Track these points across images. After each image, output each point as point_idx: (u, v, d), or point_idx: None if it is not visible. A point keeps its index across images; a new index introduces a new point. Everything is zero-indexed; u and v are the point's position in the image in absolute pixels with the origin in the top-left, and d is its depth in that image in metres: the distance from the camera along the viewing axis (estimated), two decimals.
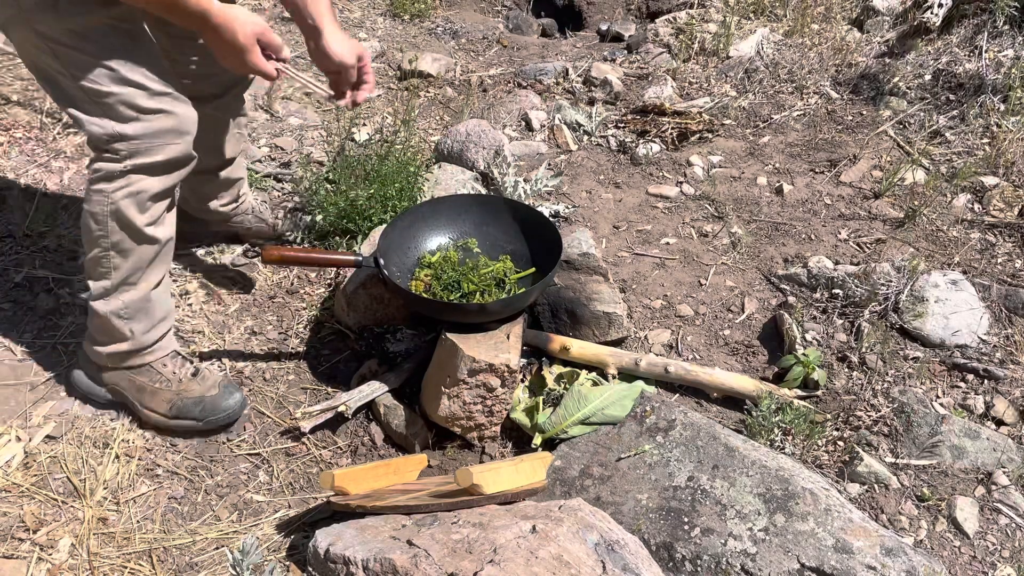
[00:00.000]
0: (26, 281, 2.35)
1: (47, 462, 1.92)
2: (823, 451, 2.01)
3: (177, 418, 1.96)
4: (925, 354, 2.22)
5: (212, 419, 1.97)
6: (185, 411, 1.96)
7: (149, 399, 1.96)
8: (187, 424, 1.97)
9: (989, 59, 3.34)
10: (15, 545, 1.75)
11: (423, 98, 3.47)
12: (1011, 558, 1.81)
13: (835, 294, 2.37)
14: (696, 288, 2.51)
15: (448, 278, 2.14)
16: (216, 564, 1.76)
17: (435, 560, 1.42)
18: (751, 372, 2.25)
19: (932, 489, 1.92)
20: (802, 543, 1.63)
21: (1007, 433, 2.04)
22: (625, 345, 2.29)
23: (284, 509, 1.91)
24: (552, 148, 3.14)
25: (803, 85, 3.45)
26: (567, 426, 1.97)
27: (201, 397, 1.96)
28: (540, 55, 3.89)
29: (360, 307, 2.25)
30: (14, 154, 2.82)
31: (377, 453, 2.05)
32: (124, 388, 1.98)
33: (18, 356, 2.15)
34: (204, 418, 1.96)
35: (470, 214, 2.31)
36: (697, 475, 1.79)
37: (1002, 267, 2.50)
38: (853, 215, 2.77)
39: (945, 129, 3.12)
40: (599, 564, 1.45)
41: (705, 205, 2.85)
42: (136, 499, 1.88)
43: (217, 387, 1.98)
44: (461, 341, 1.95)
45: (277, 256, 2.00)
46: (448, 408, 1.99)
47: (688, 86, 3.47)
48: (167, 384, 1.96)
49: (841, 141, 3.14)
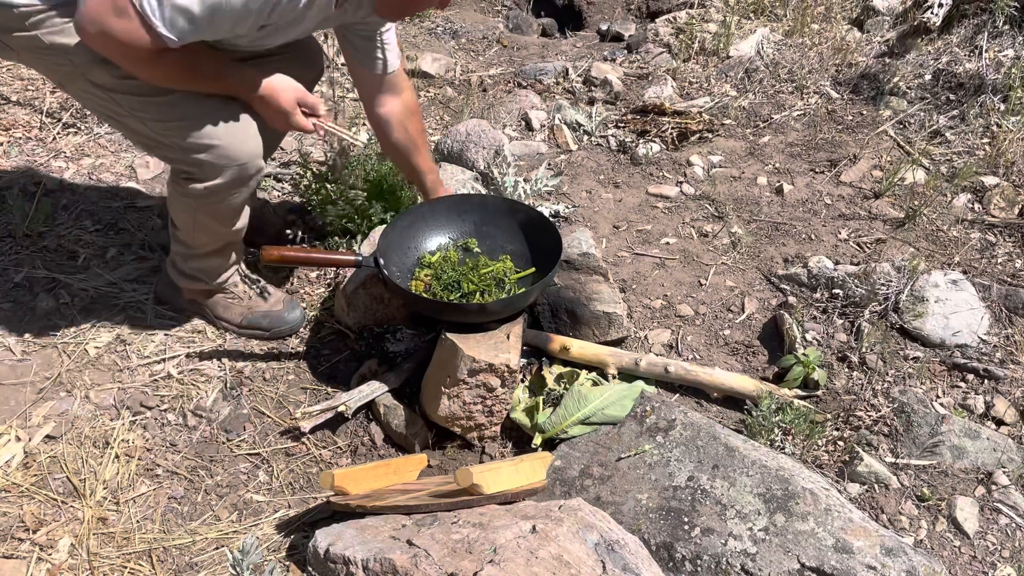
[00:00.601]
0: (26, 281, 2.35)
1: (47, 462, 1.92)
2: (823, 451, 2.01)
3: (248, 328, 2.27)
4: (925, 354, 2.22)
5: (277, 329, 2.28)
6: (255, 322, 2.26)
7: (223, 311, 2.26)
8: (256, 332, 2.28)
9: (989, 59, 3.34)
10: (15, 545, 1.75)
11: (423, 98, 3.47)
12: (1011, 558, 1.81)
13: (835, 294, 2.37)
14: (696, 288, 2.51)
15: (448, 278, 2.14)
16: (216, 564, 1.76)
17: (435, 560, 1.42)
18: (751, 372, 2.25)
19: (932, 489, 1.92)
20: (802, 543, 1.63)
21: (1007, 433, 2.04)
22: (625, 345, 2.29)
23: (284, 509, 1.91)
24: (552, 148, 3.14)
25: (803, 85, 3.45)
26: (567, 426, 1.97)
27: (268, 311, 2.27)
28: (540, 55, 3.89)
29: (360, 307, 2.25)
30: (14, 154, 2.82)
31: (377, 453, 2.05)
32: (201, 301, 2.26)
33: (18, 356, 2.15)
34: (271, 328, 2.27)
35: (470, 214, 2.31)
36: (697, 475, 1.79)
37: (1002, 267, 2.50)
38: (853, 215, 2.77)
39: (945, 129, 3.12)
40: (599, 564, 1.45)
41: (705, 205, 2.85)
42: (136, 499, 1.88)
43: (281, 303, 2.29)
44: (461, 341, 1.95)
45: (277, 256, 2.00)
46: (448, 408, 1.99)
47: (688, 86, 3.47)
48: (238, 300, 2.26)
49: (841, 141, 3.14)
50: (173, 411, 2.08)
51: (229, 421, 2.09)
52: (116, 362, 2.17)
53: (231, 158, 1.85)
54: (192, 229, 2.03)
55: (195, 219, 1.99)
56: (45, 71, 1.86)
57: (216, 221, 2.00)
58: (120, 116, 1.84)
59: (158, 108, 1.79)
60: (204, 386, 2.15)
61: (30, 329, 2.22)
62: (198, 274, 2.16)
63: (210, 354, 2.23)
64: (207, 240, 2.06)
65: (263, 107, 1.87)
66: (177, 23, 1.55)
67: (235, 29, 1.65)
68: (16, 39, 1.73)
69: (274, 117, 1.89)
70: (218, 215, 1.99)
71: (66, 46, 1.71)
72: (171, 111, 1.79)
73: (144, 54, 1.60)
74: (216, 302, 2.25)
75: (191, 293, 2.24)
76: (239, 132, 1.85)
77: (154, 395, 2.11)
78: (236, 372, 2.20)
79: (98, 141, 2.94)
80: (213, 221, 2.00)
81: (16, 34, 1.72)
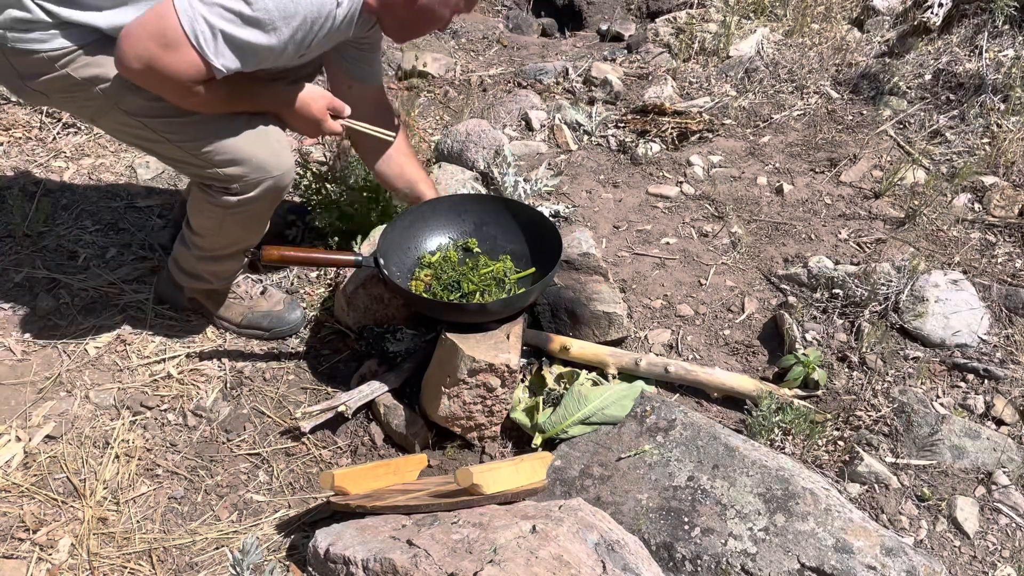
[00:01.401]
0: (26, 281, 2.35)
1: (47, 462, 1.92)
2: (823, 451, 2.01)
3: (248, 327, 2.28)
4: (925, 354, 2.22)
5: (278, 329, 2.29)
6: (255, 322, 2.28)
7: (224, 310, 2.28)
8: (256, 332, 2.29)
9: (989, 59, 3.34)
10: (15, 545, 1.75)
11: (423, 98, 3.47)
12: (1011, 558, 1.81)
13: (835, 294, 2.37)
14: (696, 288, 2.51)
15: (448, 278, 2.14)
16: (216, 564, 1.76)
17: (435, 560, 1.42)
18: (751, 372, 2.25)
19: (932, 489, 1.92)
20: (802, 543, 1.63)
21: (1007, 433, 2.04)
22: (625, 345, 2.29)
23: (284, 509, 1.91)
24: (552, 148, 3.14)
25: (803, 85, 3.45)
26: (567, 426, 1.97)
27: (268, 311, 2.28)
28: (540, 55, 3.89)
29: (360, 307, 2.25)
30: (14, 154, 2.82)
31: (377, 453, 2.05)
32: (202, 300, 2.26)
33: (18, 356, 2.15)
34: (271, 328, 2.28)
35: (470, 214, 2.31)
36: (697, 475, 1.79)
37: (1002, 267, 2.50)
38: (853, 215, 2.77)
39: (945, 129, 3.12)
40: (599, 564, 1.45)
41: (705, 205, 2.85)
42: (136, 499, 1.88)
43: (282, 303, 2.30)
44: (461, 341, 1.95)
45: (277, 256, 2.00)
46: (448, 408, 1.99)
47: (688, 86, 3.47)
48: (239, 300, 2.28)
49: (841, 141, 3.14)
50: (173, 411, 2.08)
51: (229, 421, 2.09)
52: (116, 362, 2.17)
53: (266, 170, 1.87)
54: (216, 234, 2.03)
55: (222, 226, 1.99)
56: (77, 109, 1.90)
57: (243, 228, 2.02)
58: (153, 142, 1.87)
59: (190, 128, 1.81)
60: (204, 386, 2.15)
61: (30, 329, 2.22)
62: (206, 275, 2.17)
63: (210, 354, 2.23)
64: (228, 244, 2.07)
65: (296, 119, 1.90)
66: (227, 54, 1.61)
67: (277, 61, 1.71)
68: (45, 83, 1.76)
69: (306, 127, 1.93)
70: (247, 223, 2.01)
71: (98, 77, 1.74)
72: (203, 130, 1.81)
73: (189, 84, 1.64)
74: (218, 302, 2.26)
75: (194, 292, 2.24)
76: (272, 144, 1.88)
77: (154, 395, 2.11)
78: (236, 372, 2.20)
79: (98, 141, 2.94)
80: (239, 228, 2.02)
81: (44, 78, 1.74)
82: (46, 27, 1.68)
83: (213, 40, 1.58)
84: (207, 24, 1.57)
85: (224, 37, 1.59)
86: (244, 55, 1.64)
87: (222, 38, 1.59)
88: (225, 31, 1.58)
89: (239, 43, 1.61)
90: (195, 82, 1.64)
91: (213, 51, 1.59)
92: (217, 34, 1.58)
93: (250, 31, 1.60)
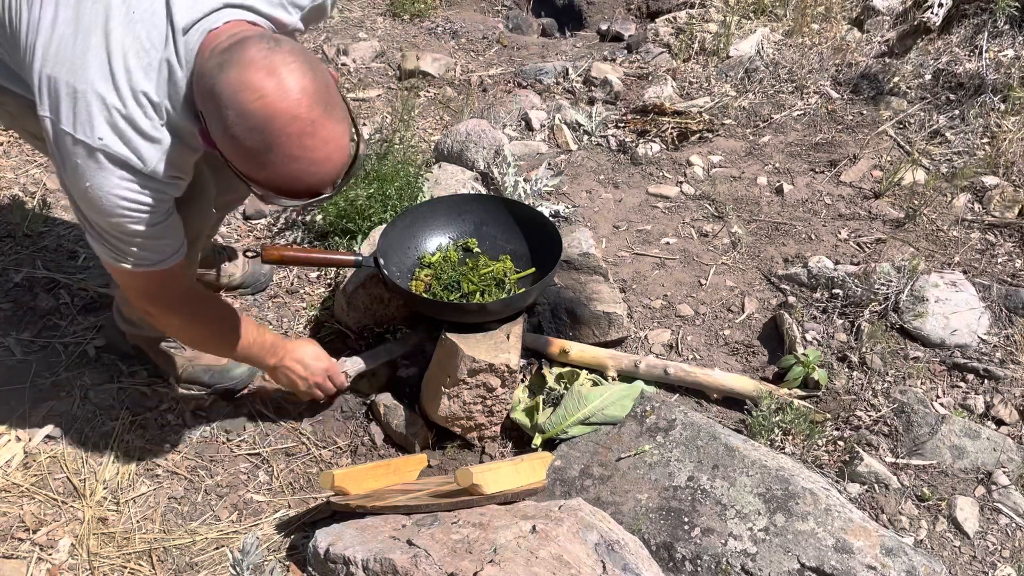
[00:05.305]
0: (26, 281, 2.35)
1: (47, 462, 1.92)
2: (823, 451, 2.01)
3: (188, 382, 2.10)
4: (925, 354, 2.22)
5: (219, 385, 2.10)
6: (195, 377, 2.09)
7: (164, 362, 2.10)
8: (194, 390, 2.11)
9: (989, 59, 3.33)
10: (15, 545, 1.75)
11: (423, 98, 3.47)
12: (1011, 558, 1.81)
13: (835, 294, 2.37)
14: (696, 288, 2.51)
15: (448, 278, 2.14)
16: (216, 564, 1.76)
17: (435, 560, 1.42)
18: (751, 372, 2.25)
19: (932, 489, 1.92)
20: (802, 543, 1.63)
21: (1007, 433, 2.04)
22: (625, 345, 2.29)
23: (284, 509, 1.91)
24: (552, 148, 3.14)
25: (803, 85, 3.45)
26: (567, 426, 1.97)
27: (209, 366, 2.08)
28: (540, 55, 3.89)
29: (360, 307, 2.25)
30: (14, 154, 2.82)
31: (377, 453, 2.05)
32: (145, 348, 2.11)
33: (18, 356, 2.15)
34: (212, 384, 2.09)
35: (470, 214, 2.31)
36: (697, 475, 1.79)
37: (1002, 267, 2.50)
38: (853, 215, 2.77)
39: (945, 129, 3.12)
40: (599, 564, 1.45)
41: (705, 205, 2.85)
42: (136, 499, 1.88)
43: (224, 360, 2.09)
44: (461, 341, 1.95)
45: (277, 256, 2.00)
46: (448, 408, 1.99)
47: (688, 86, 3.47)
48: (181, 351, 2.09)
49: (841, 141, 3.14)
50: (173, 411, 2.08)
51: (229, 421, 2.09)
52: (116, 362, 2.17)
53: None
54: None
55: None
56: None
57: None
58: None
59: None
60: None
61: (30, 329, 2.22)
62: (140, 322, 2.00)
63: None
64: None
65: (286, 376, 1.93)
66: (151, 250, 1.52)
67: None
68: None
69: (294, 383, 1.94)
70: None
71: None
72: None
73: (176, 291, 1.65)
74: (158, 352, 2.10)
75: (134, 339, 2.10)
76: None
77: (154, 395, 2.11)
78: None
79: None
80: None
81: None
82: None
83: (141, 252, 1.50)
84: (119, 249, 1.49)
85: (142, 246, 1.50)
86: (149, 241, 1.51)
87: (141, 248, 1.50)
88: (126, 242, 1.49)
89: (145, 239, 1.50)
90: (176, 288, 1.63)
91: (149, 262, 1.53)
92: (140, 248, 1.50)
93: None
